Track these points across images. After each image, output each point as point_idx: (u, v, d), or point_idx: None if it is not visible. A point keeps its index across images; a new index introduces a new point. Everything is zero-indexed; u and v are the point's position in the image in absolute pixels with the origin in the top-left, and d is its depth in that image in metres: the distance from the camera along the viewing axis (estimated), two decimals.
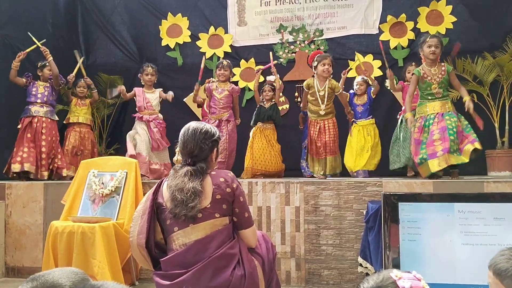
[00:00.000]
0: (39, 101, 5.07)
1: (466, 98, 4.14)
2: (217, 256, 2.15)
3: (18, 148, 4.90)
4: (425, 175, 4.05)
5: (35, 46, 5.07)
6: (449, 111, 4.09)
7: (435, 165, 3.92)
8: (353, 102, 5.45)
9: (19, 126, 4.98)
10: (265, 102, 5.46)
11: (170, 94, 5.26)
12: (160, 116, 5.24)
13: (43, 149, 4.97)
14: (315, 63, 4.72)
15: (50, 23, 6.04)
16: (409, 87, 4.41)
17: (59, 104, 5.70)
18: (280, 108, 6.10)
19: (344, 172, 5.20)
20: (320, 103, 4.64)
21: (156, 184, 2.38)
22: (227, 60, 5.33)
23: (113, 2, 6.67)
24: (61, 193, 4.21)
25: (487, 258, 1.60)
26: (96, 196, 4.01)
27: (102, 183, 4.04)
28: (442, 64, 4.22)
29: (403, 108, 5.15)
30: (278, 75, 5.38)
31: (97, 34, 6.69)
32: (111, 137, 6.34)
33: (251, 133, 5.36)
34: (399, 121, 5.03)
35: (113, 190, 3.99)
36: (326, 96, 4.62)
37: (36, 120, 5.00)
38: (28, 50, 5.04)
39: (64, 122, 5.53)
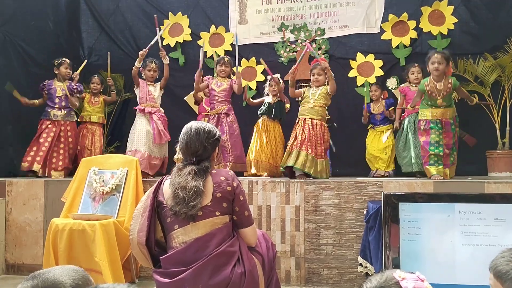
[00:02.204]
0: (57, 105, 5.13)
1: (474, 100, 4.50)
2: (217, 254, 2.16)
3: (31, 147, 4.98)
4: (429, 175, 4.22)
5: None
6: (451, 118, 4.25)
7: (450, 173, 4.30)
8: (370, 110, 5.55)
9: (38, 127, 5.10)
10: (270, 97, 5.51)
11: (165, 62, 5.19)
12: (162, 109, 5.18)
13: (61, 151, 5.09)
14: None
15: (52, 20, 6.03)
16: (414, 98, 4.60)
17: None
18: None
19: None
20: (311, 98, 4.55)
21: (157, 182, 2.39)
22: (228, 57, 5.31)
23: (115, 0, 6.67)
24: (61, 191, 4.21)
25: (487, 259, 1.60)
26: (97, 194, 4.01)
27: (103, 181, 4.04)
28: (450, 80, 4.22)
29: (404, 112, 5.18)
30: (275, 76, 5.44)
31: (99, 32, 6.68)
32: (112, 134, 6.33)
33: (255, 127, 5.50)
34: (404, 124, 5.08)
35: (114, 188, 3.99)
36: (317, 94, 4.54)
37: (55, 124, 5.10)
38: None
39: (78, 120, 5.55)
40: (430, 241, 2.91)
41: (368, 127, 5.60)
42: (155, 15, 5.40)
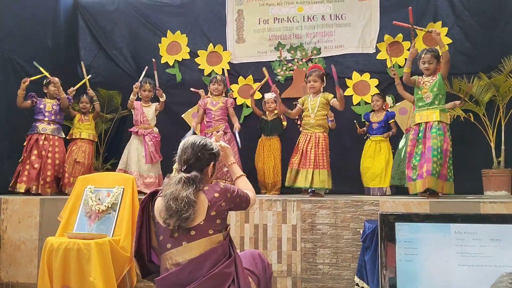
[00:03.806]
0: (46, 119, 5.15)
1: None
2: (212, 275, 2.13)
3: (24, 165, 4.99)
4: (411, 192, 4.27)
5: (41, 75, 5.17)
6: (436, 121, 4.17)
7: (418, 187, 4.13)
8: (369, 119, 5.58)
9: (25, 143, 5.06)
10: (267, 114, 5.59)
11: (161, 100, 5.41)
12: (156, 130, 5.36)
13: (49, 167, 5.08)
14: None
15: (50, 38, 6.07)
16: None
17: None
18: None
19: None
20: (311, 112, 4.64)
21: (147, 195, 2.35)
22: (220, 75, 5.41)
23: (113, 18, 6.73)
24: (57, 209, 4.19)
25: (483, 280, 1.60)
26: (92, 212, 3.99)
27: (99, 199, 4.03)
28: (437, 76, 4.33)
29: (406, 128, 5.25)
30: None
31: (97, 50, 6.73)
32: (109, 152, 6.33)
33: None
34: (403, 139, 5.13)
35: (110, 206, 3.97)
36: (317, 105, 4.62)
37: (43, 137, 5.08)
38: (33, 78, 5.11)
39: (68, 137, 5.54)
40: (427, 261, 2.89)
41: (365, 137, 5.60)
42: (153, 60, 5.67)
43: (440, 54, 4.33)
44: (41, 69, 5.18)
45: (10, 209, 4.36)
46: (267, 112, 5.71)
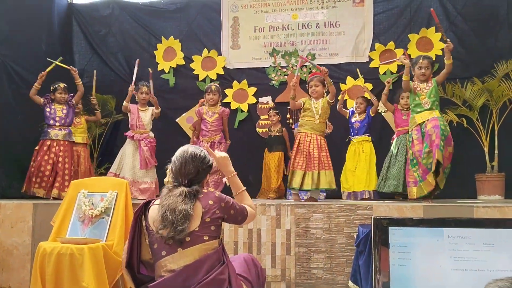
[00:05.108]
0: (57, 124, 5.12)
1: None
2: (207, 282, 2.12)
3: (38, 170, 4.96)
4: (417, 196, 4.16)
5: (54, 65, 5.16)
6: (434, 117, 4.16)
7: (425, 188, 4.09)
8: (351, 120, 5.49)
9: (36, 148, 5.04)
10: (272, 128, 5.69)
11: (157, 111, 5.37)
12: (151, 134, 5.30)
13: (66, 172, 5.07)
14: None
15: (45, 43, 6.05)
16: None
17: None
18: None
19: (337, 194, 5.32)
20: (315, 113, 4.65)
21: (141, 204, 2.34)
22: (216, 84, 5.38)
23: (107, 23, 6.74)
24: (50, 213, 4.16)
25: (476, 284, 1.60)
26: (86, 217, 3.95)
27: (92, 203, 4.00)
28: (431, 82, 4.33)
29: (396, 132, 5.24)
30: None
31: (91, 54, 6.73)
32: (103, 156, 6.31)
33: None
34: (393, 143, 5.13)
35: (103, 211, 3.93)
36: (320, 108, 4.65)
37: (55, 143, 5.06)
38: (48, 69, 5.09)
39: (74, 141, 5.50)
40: (420, 266, 2.88)
41: (347, 140, 5.53)
42: (150, 69, 5.66)
43: (442, 61, 4.35)
44: (61, 64, 5.20)
45: (2, 213, 4.33)
46: (272, 126, 5.79)
